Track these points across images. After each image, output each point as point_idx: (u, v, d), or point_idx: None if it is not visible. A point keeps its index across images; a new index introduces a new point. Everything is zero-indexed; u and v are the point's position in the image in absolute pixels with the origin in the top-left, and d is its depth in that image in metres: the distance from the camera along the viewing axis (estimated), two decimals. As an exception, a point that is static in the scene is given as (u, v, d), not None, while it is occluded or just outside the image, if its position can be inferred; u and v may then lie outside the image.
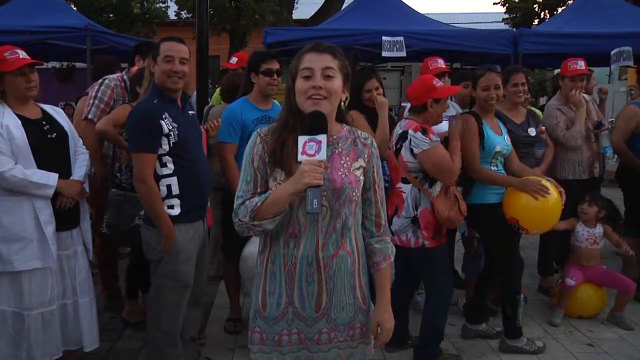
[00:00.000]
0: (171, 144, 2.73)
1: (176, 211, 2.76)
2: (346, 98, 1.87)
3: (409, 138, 3.08)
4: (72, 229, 3.01)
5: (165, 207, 2.75)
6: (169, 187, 2.76)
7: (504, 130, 3.57)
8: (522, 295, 3.83)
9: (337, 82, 1.77)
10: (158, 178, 2.75)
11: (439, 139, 3.11)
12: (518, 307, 3.56)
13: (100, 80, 3.95)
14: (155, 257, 2.82)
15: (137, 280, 3.87)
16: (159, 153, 2.73)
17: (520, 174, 3.51)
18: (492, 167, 3.45)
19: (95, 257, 3.62)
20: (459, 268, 4.82)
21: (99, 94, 3.85)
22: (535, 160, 4.16)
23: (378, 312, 1.92)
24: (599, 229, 4.10)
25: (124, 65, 4.97)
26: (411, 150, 3.08)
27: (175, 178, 2.76)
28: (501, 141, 3.47)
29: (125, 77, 4.01)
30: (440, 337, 3.33)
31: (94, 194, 3.62)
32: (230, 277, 3.81)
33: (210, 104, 5.13)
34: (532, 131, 4.08)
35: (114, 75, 4.00)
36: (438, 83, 3.19)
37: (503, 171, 3.52)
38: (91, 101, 3.86)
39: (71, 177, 2.96)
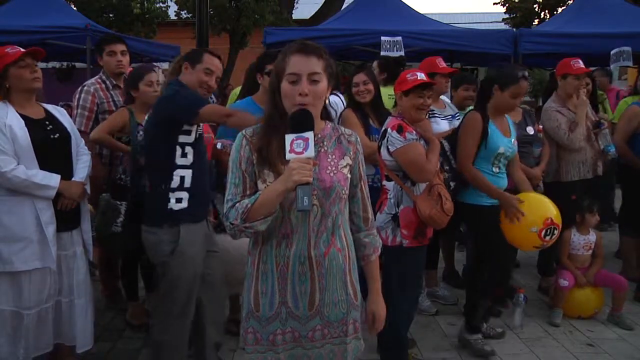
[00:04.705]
0: (197, 134, 2.75)
1: (183, 205, 2.69)
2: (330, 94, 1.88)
3: (387, 136, 3.03)
4: (73, 230, 3.01)
5: (174, 201, 2.68)
6: (182, 178, 2.69)
7: (514, 134, 3.50)
8: (522, 295, 3.84)
9: (323, 85, 1.77)
10: (174, 167, 2.68)
11: (416, 137, 2.99)
12: (480, 309, 3.59)
13: (79, 88, 3.93)
14: (160, 261, 2.75)
15: (133, 282, 3.86)
16: (184, 141, 2.70)
17: (519, 185, 3.49)
18: (494, 169, 3.38)
19: (95, 256, 3.60)
20: (459, 268, 4.83)
21: (81, 102, 3.83)
22: (534, 159, 4.17)
23: (372, 302, 2.00)
24: (592, 235, 4.13)
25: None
26: (387, 148, 3.02)
27: (190, 171, 2.71)
28: (506, 143, 3.38)
29: (104, 77, 3.99)
30: (402, 344, 3.12)
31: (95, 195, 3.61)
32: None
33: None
34: (530, 130, 4.08)
35: (93, 80, 3.98)
36: (412, 76, 3.05)
37: (505, 173, 3.46)
38: (76, 111, 3.84)
39: (73, 178, 2.95)
